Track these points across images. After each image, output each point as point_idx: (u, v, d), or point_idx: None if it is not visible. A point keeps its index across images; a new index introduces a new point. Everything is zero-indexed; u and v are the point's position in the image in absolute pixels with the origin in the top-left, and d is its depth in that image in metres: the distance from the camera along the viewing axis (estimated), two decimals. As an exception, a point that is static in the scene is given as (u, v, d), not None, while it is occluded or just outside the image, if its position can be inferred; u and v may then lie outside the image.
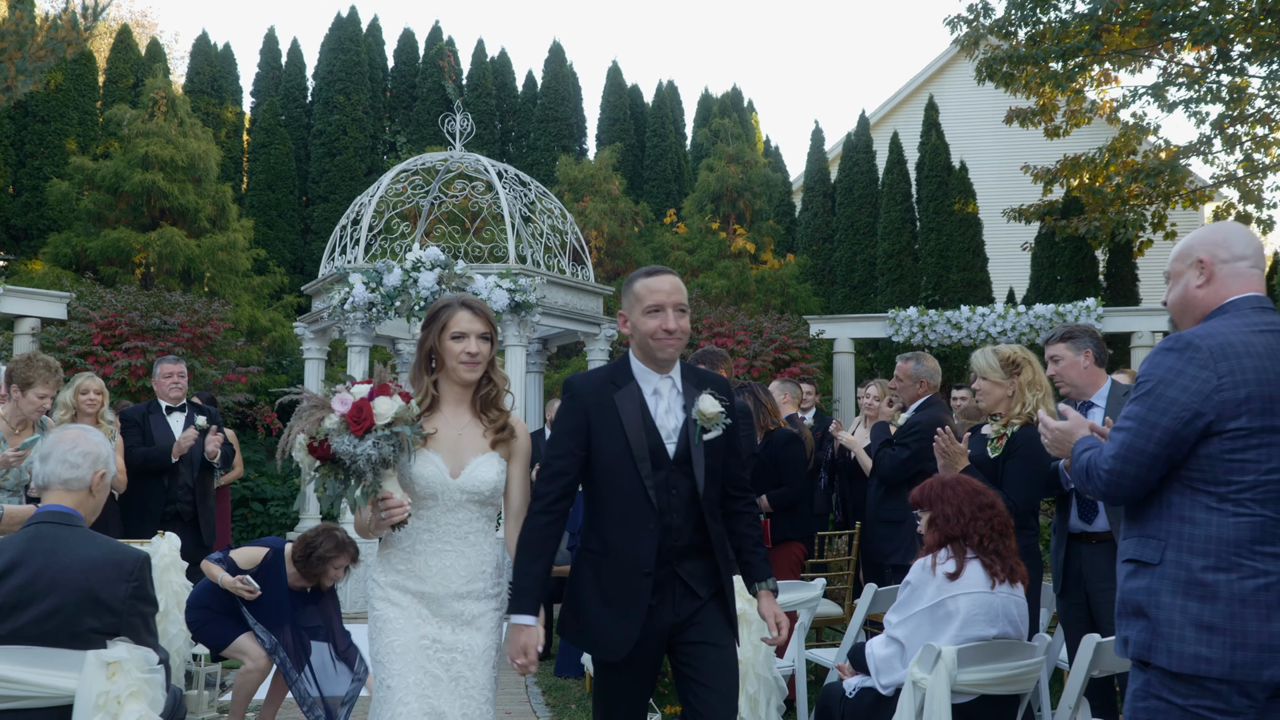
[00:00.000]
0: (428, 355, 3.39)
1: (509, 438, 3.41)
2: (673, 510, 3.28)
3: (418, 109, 21.31)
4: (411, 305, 9.13)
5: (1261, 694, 2.57)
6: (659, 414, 3.34)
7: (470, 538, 3.31)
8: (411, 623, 3.24)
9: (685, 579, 3.30)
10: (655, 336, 3.31)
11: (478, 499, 3.31)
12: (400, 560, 3.30)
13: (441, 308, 3.39)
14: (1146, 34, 14.80)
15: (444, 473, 3.26)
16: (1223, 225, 2.90)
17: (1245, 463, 2.60)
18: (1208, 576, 2.58)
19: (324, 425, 3.04)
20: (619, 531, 3.27)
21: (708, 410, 3.30)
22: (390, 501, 3.09)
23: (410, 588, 3.27)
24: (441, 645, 3.24)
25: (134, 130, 15.92)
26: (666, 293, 3.33)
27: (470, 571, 3.30)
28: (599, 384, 3.38)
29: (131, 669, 2.72)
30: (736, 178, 17.08)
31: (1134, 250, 17.00)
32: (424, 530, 3.28)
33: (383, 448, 3.02)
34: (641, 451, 3.27)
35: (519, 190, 10.85)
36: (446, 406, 3.37)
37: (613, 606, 3.27)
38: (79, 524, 3.04)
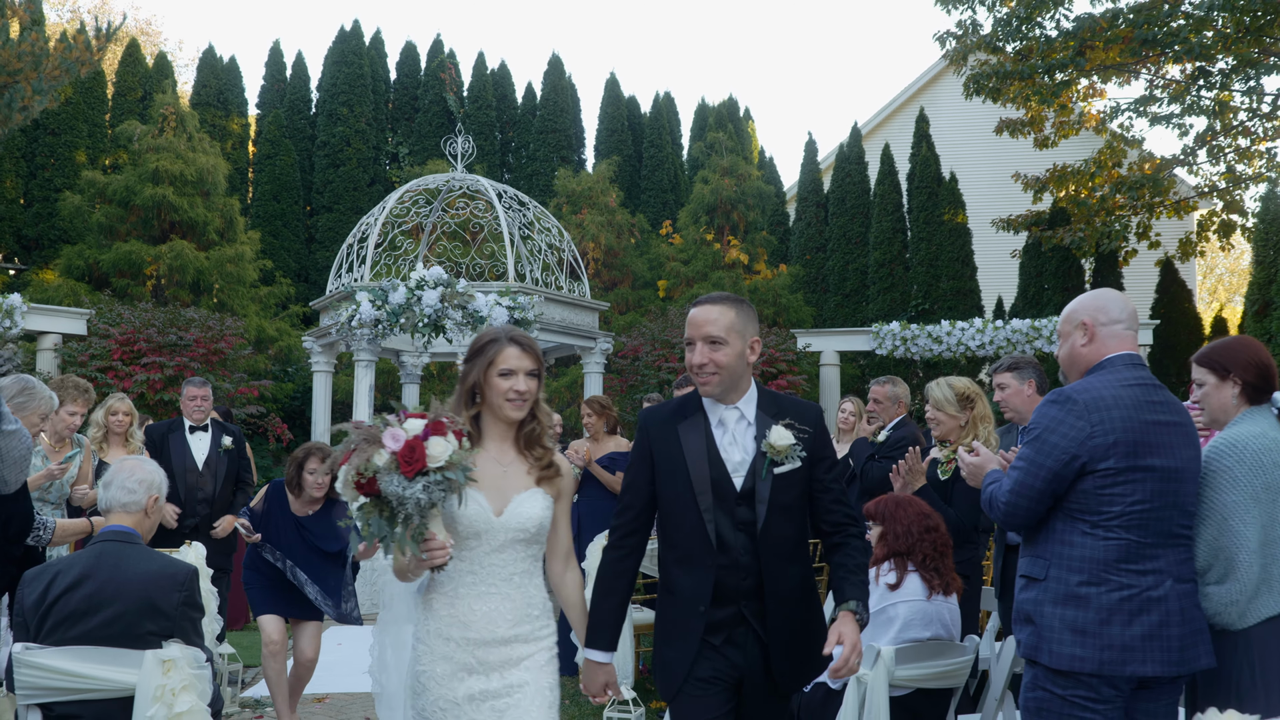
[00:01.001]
0: (471, 389, 3.23)
1: (554, 475, 3.26)
2: (738, 548, 3.10)
3: (420, 120, 21.76)
4: (415, 322, 9.59)
5: (1126, 685, 3.06)
6: (724, 445, 3.17)
7: (515, 579, 3.15)
8: (457, 677, 3.09)
9: (752, 621, 3.12)
10: (691, 370, 3.21)
11: (523, 538, 3.16)
12: (443, 605, 3.13)
13: (489, 342, 3.23)
14: (1129, 50, 15.21)
15: (488, 511, 3.10)
16: (1103, 292, 3.38)
17: (1114, 496, 3.09)
18: (1082, 590, 3.08)
19: (373, 461, 2.86)
20: (680, 567, 3.15)
21: (778, 442, 3.13)
22: (433, 543, 2.92)
23: (454, 635, 3.11)
24: (490, 694, 3.09)
25: (144, 145, 16.39)
26: (696, 325, 3.20)
27: (516, 615, 3.13)
28: (665, 416, 3.26)
29: (183, 666, 3.19)
30: (730, 190, 17.54)
31: (1119, 260, 17.44)
32: (467, 573, 3.11)
33: (433, 492, 2.86)
34: (702, 485, 3.12)
35: (518, 210, 11.31)
36: (490, 443, 3.22)
37: (670, 644, 3.14)
38: (137, 541, 3.53)
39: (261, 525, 5.92)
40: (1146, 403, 3.19)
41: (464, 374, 3.27)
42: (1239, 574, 3.20)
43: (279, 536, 5.86)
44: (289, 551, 5.82)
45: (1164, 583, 3.09)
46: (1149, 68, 16.23)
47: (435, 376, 15.49)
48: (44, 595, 3.38)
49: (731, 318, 3.19)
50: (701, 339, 3.17)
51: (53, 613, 3.35)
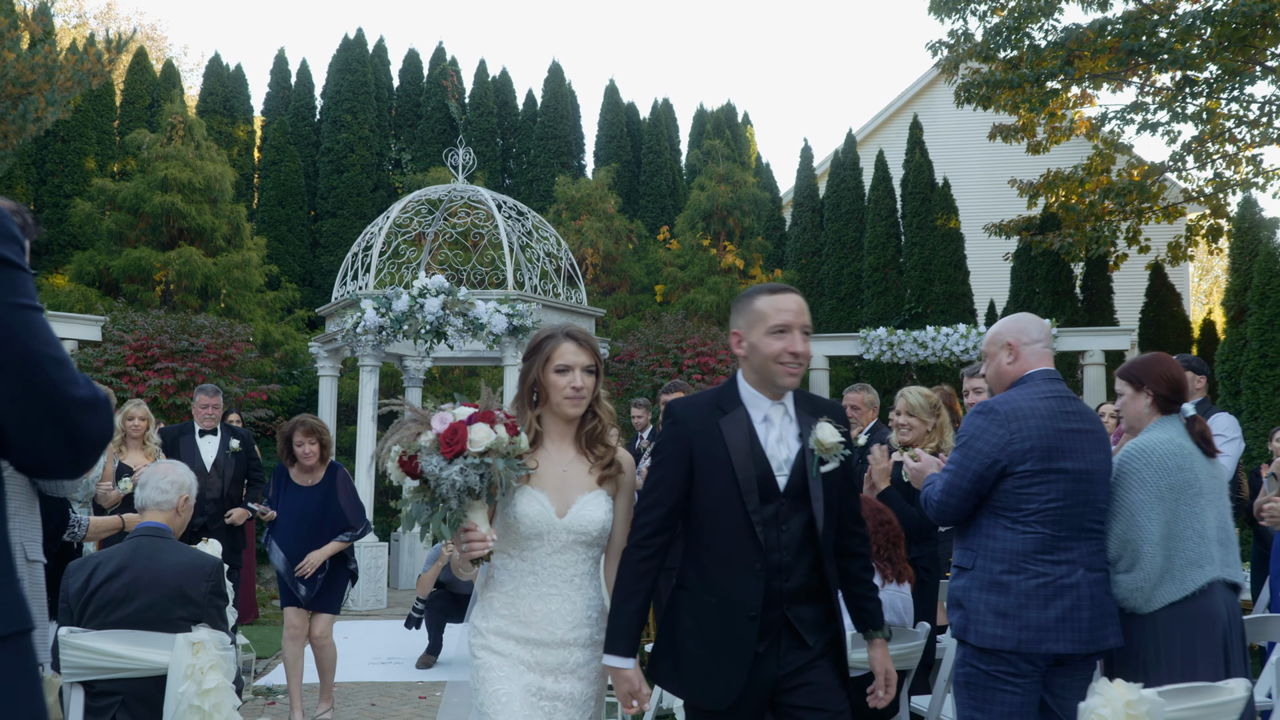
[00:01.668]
0: (531, 388, 3.21)
1: (615, 473, 3.22)
2: (782, 548, 3.03)
3: (422, 127, 22.13)
4: (418, 328, 9.96)
5: (1042, 662, 3.47)
6: (769, 443, 3.09)
7: (576, 581, 3.13)
8: (515, 670, 3.08)
9: (795, 625, 3.05)
10: (780, 360, 3.05)
11: (585, 540, 3.13)
12: (503, 605, 3.14)
13: (545, 338, 3.21)
14: (1116, 60, 15.54)
15: (550, 512, 3.09)
16: (1023, 316, 3.83)
17: (1031, 495, 3.49)
18: (1004, 578, 3.48)
19: (417, 441, 2.93)
20: (723, 570, 3.04)
21: (826, 440, 3.07)
22: (473, 534, 2.94)
23: (514, 634, 3.11)
24: (544, 694, 3.09)
25: (153, 153, 16.77)
26: (794, 313, 3.08)
27: (576, 617, 3.11)
28: (703, 409, 3.15)
29: (211, 647, 3.56)
30: (726, 197, 17.91)
31: (1109, 264, 17.77)
32: (528, 573, 3.11)
33: (469, 475, 2.87)
34: (749, 484, 3.02)
35: (517, 219, 11.68)
36: (550, 442, 3.20)
37: (714, 651, 3.03)
38: (169, 536, 3.92)
39: (275, 503, 6.48)
40: (1061, 413, 3.59)
41: (523, 373, 3.23)
42: (1144, 564, 3.59)
43: (290, 507, 6.40)
44: (299, 519, 6.36)
45: (1076, 572, 3.49)
46: (1140, 75, 16.51)
47: (437, 379, 15.85)
48: (86, 584, 3.77)
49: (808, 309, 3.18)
50: (799, 328, 3.07)
51: (94, 599, 3.74)
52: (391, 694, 7.26)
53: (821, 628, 3.08)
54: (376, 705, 6.97)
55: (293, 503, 6.41)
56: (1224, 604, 3.61)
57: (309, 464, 6.39)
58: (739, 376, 3.19)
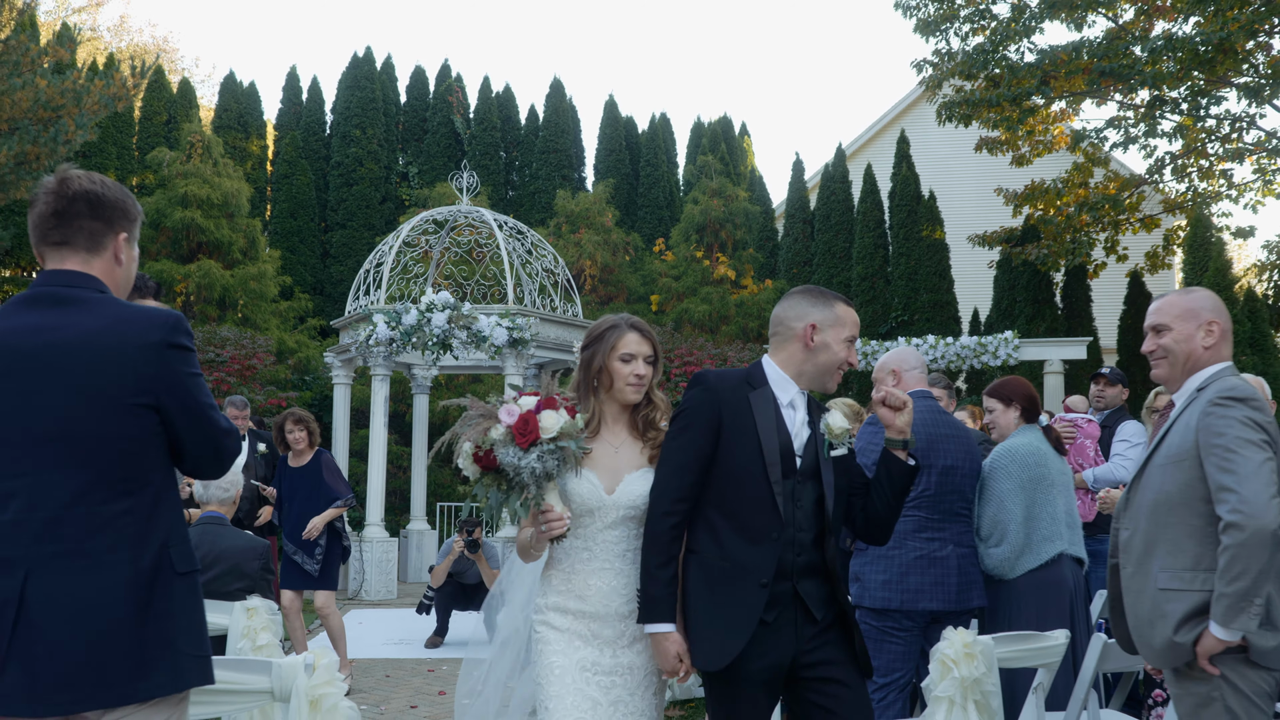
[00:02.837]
0: (594, 375, 3.32)
1: None
2: (794, 525, 3.15)
3: (428, 141, 22.97)
4: (425, 341, 10.81)
5: (920, 619, 4.43)
6: (794, 424, 3.24)
7: (629, 555, 3.24)
8: (572, 645, 3.21)
9: (804, 598, 3.15)
10: (840, 367, 3.27)
11: (634, 515, 3.24)
12: (560, 581, 3.27)
13: (609, 328, 3.34)
14: (1089, 81, 16.31)
15: (599, 489, 3.22)
16: (903, 350, 4.78)
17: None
18: (890, 553, 4.37)
19: (489, 435, 3.05)
20: (739, 538, 3.14)
21: (836, 426, 3.24)
22: (551, 514, 3.07)
23: (571, 608, 3.24)
24: (601, 668, 3.19)
25: (173, 171, 17.66)
26: (856, 325, 3.30)
27: (631, 590, 3.21)
28: (734, 381, 3.27)
29: (262, 613, 4.38)
30: (719, 211, 18.75)
31: (1088, 273, 18.54)
32: (582, 549, 3.24)
33: (547, 461, 3.02)
34: (773, 456, 3.14)
35: (518, 238, 12.54)
36: (605, 426, 3.33)
37: (722, 614, 3.12)
38: (227, 523, 4.82)
39: (278, 485, 7.89)
40: (933, 421, 4.54)
41: (586, 360, 3.35)
42: (1009, 540, 4.55)
43: (289, 486, 7.73)
44: (296, 495, 7.66)
45: (947, 547, 4.47)
46: (1121, 91, 17.18)
47: (443, 386, 16.70)
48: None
49: None
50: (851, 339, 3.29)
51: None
52: (403, 668, 8.13)
53: (827, 604, 3.18)
54: (391, 676, 7.83)
55: (290, 482, 7.72)
56: (1070, 574, 4.56)
57: (299, 448, 7.69)
58: (766, 360, 3.32)
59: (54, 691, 2.28)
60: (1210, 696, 3.06)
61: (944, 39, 17.93)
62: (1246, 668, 3.03)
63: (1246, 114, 16.70)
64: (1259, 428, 3.05)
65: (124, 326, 2.44)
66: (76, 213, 2.54)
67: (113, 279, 2.61)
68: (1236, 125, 16.98)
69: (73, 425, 2.37)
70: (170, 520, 2.47)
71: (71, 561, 2.33)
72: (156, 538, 2.41)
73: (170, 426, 2.46)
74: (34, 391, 2.37)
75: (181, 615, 2.44)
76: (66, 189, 2.56)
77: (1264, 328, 12.64)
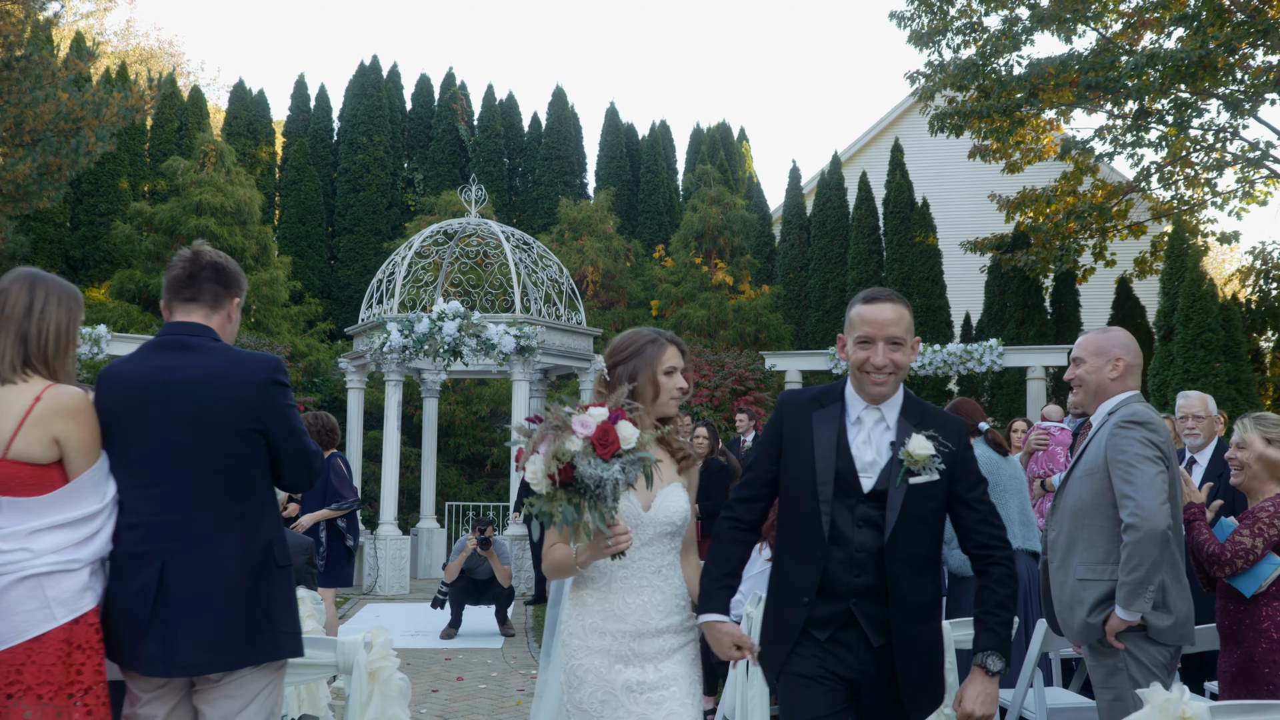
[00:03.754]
0: (636, 388, 3.24)
1: (690, 465, 3.33)
2: (853, 545, 3.06)
3: (434, 148, 23.49)
4: (437, 348, 11.35)
5: None
6: (855, 442, 3.14)
7: (664, 571, 3.21)
8: (613, 669, 3.14)
9: (861, 621, 3.07)
10: (863, 369, 3.12)
11: (670, 531, 3.21)
12: (596, 600, 3.20)
13: (648, 342, 3.28)
14: (1075, 93, 16.82)
15: (636, 506, 3.16)
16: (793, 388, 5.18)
17: None
18: None
19: (566, 447, 2.94)
20: (791, 555, 3.17)
21: (916, 452, 3.07)
22: (618, 528, 3.00)
23: (609, 628, 3.17)
24: (647, 685, 3.13)
25: (187, 179, 18.20)
26: (879, 325, 3.11)
27: (667, 606, 3.19)
28: (803, 401, 3.26)
29: (308, 602, 4.86)
30: (717, 218, 19.28)
31: (1077, 278, 19.04)
32: (619, 567, 3.17)
33: (630, 472, 2.95)
34: (825, 475, 3.09)
35: (524, 249, 13.10)
36: None
37: (771, 630, 3.19)
38: None
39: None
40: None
41: (625, 374, 3.27)
42: None
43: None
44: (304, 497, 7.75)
45: None
46: (1111, 101, 17.64)
47: (450, 389, 17.24)
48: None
49: (908, 318, 3.17)
50: (884, 339, 3.09)
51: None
52: (422, 657, 8.68)
53: (885, 630, 3.08)
54: (411, 664, 8.35)
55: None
56: (1025, 568, 5.04)
57: None
58: (848, 376, 3.26)
59: (185, 656, 2.88)
60: (1116, 666, 3.69)
61: (936, 51, 18.45)
62: (1146, 643, 3.66)
63: (1230, 124, 17.18)
64: (1155, 446, 3.66)
65: (237, 368, 3.07)
66: (205, 278, 3.18)
67: (224, 332, 3.22)
68: (1220, 136, 17.46)
69: (198, 445, 2.98)
70: (273, 522, 3.09)
71: (198, 554, 2.94)
72: (263, 536, 3.02)
73: (272, 447, 3.07)
74: (168, 418, 2.98)
75: (281, 599, 3.03)
76: (199, 259, 3.22)
77: (1237, 335, 13.15)
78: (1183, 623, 3.66)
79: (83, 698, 2.75)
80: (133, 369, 3.07)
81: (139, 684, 2.96)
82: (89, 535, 2.87)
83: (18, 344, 2.91)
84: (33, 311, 2.95)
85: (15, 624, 2.72)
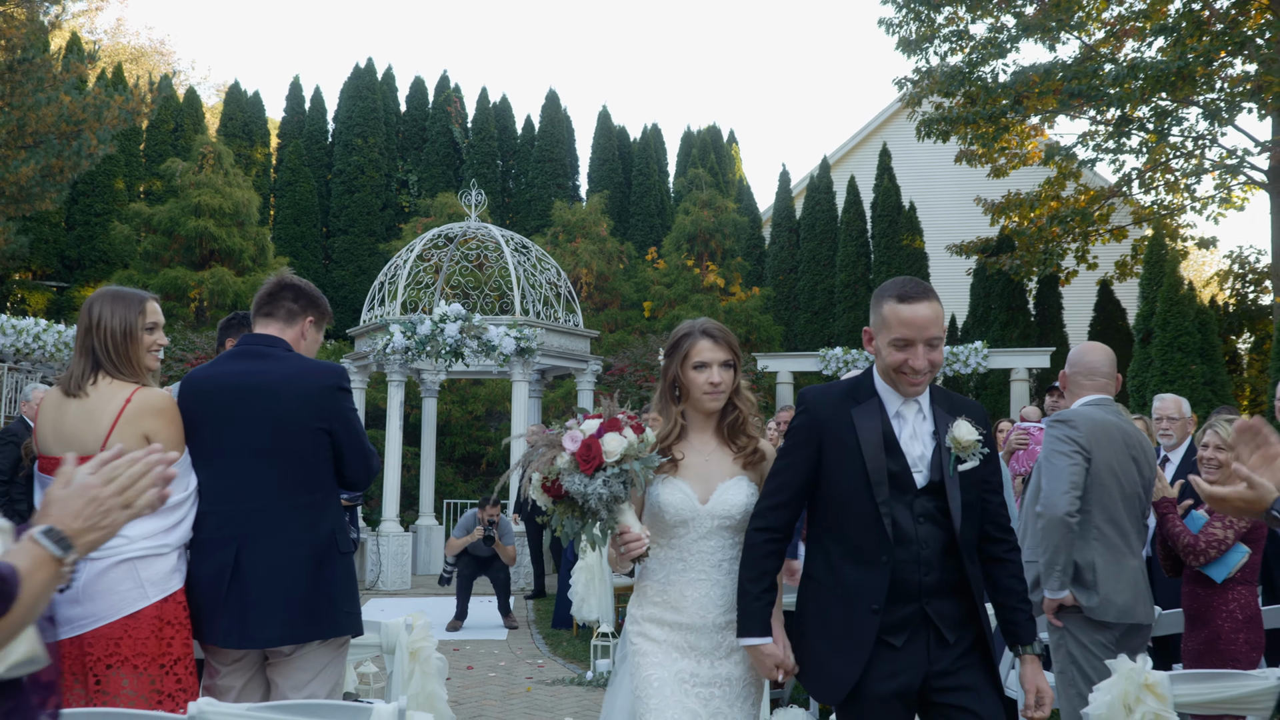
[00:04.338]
0: (672, 384, 3.26)
1: (758, 460, 3.24)
2: (918, 542, 2.95)
3: (428, 150, 23.76)
4: (439, 349, 11.65)
5: None
6: (903, 437, 3.03)
7: (724, 565, 3.15)
8: (669, 656, 3.14)
9: (935, 620, 2.95)
10: (901, 371, 2.99)
11: (729, 524, 3.16)
12: (655, 592, 3.20)
13: (682, 336, 3.25)
14: (1059, 101, 17.21)
15: (693, 499, 3.14)
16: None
17: None
18: None
19: (555, 464, 3.00)
20: (848, 561, 2.99)
21: (963, 438, 3.00)
22: (628, 535, 3.01)
23: (668, 620, 3.16)
24: (699, 680, 3.12)
25: (186, 181, 18.43)
26: (919, 327, 2.95)
27: (727, 601, 3.13)
28: (836, 398, 3.10)
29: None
30: (709, 221, 19.63)
31: (1060, 281, 19.43)
32: (676, 560, 3.17)
33: (613, 485, 2.95)
34: (879, 475, 2.96)
35: (523, 253, 13.42)
36: (693, 433, 3.24)
37: (834, 643, 2.98)
38: None
39: None
40: None
41: (664, 369, 3.29)
42: None
43: None
44: None
45: None
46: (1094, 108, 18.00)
47: (446, 389, 17.52)
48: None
49: (942, 314, 3.05)
50: (924, 341, 2.96)
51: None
52: (429, 650, 8.97)
53: (963, 625, 2.99)
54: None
55: None
56: None
57: None
58: (874, 369, 3.14)
59: (257, 629, 3.23)
60: (1059, 643, 4.14)
61: (924, 57, 18.84)
62: (1085, 624, 4.07)
63: (1209, 132, 17.58)
64: (1071, 441, 4.08)
65: (307, 374, 3.43)
66: (284, 297, 3.55)
67: (298, 345, 3.57)
68: (1199, 143, 17.86)
69: (273, 441, 3.33)
70: (335, 513, 3.43)
71: (271, 539, 3.28)
72: (327, 525, 3.37)
73: (336, 446, 3.42)
74: (246, 418, 3.33)
75: (342, 581, 3.37)
76: (282, 281, 3.60)
77: (1213, 339, 13.55)
78: (1113, 602, 4.02)
79: (173, 668, 3.07)
80: (214, 373, 3.43)
81: (217, 657, 3.30)
82: (175, 522, 3.20)
83: (87, 359, 3.26)
84: (91, 327, 3.28)
85: (113, 602, 3.03)
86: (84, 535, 1.66)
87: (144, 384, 3.26)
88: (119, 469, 1.74)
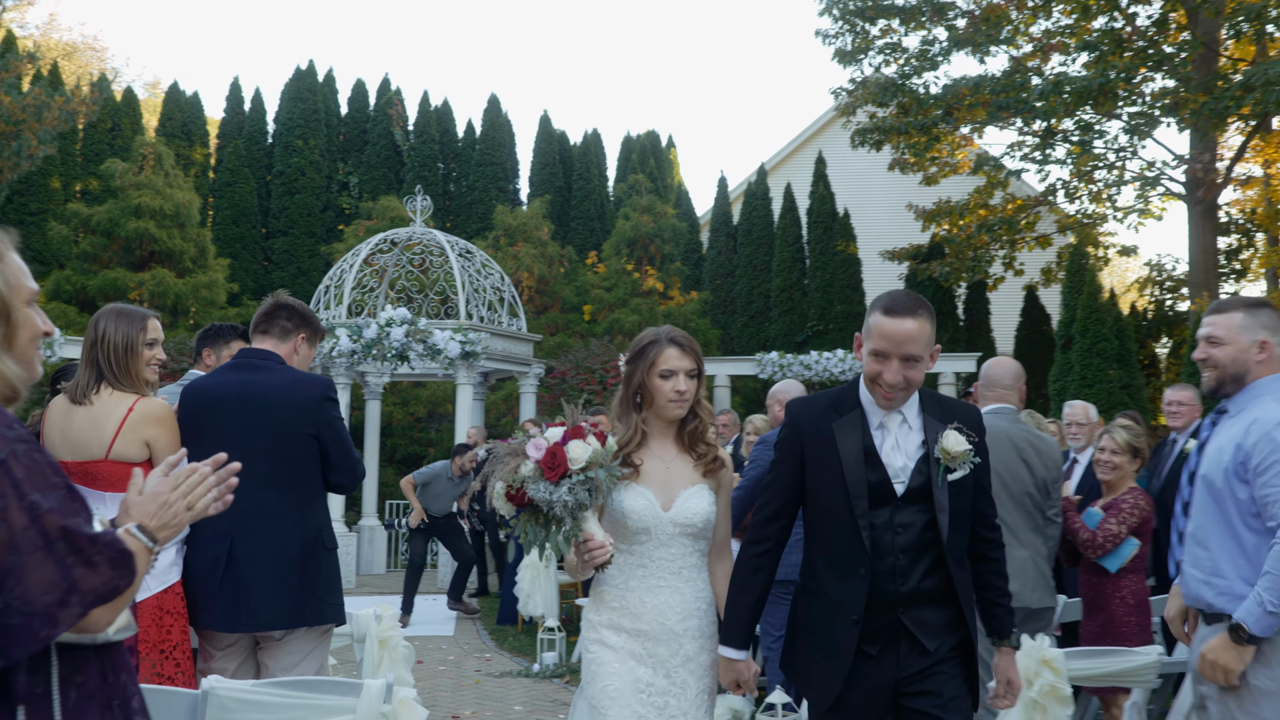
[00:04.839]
0: (635, 391, 3.26)
1: (718, 469, 3.29)
2: (896, 552, 2.96)
3: (369, 152, 23.83)
4: (385, 353, 11.89)
5: None
6: (884, 449, 3.02)
7: (684, 573, 3.20)
8: (625, 665, 3.15)
9: (912, 628, 2.97)
10: (875, 382, 3.00)
11: (690, 532, 3.20)
12: (614, 598, 3.21)
13: (649, 343, 3.26)
14: (988, 113, 17.85)
15: (655, 506, 3.17)
16: (787, 382, 5.89)
17: None
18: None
19: (519, 473, 3.01)
20: (831, 573, 3.03)
21: (953, 449, 2.98)
22: (592, 543, 3.02)
23: (625, 626, 3.18)
24: (655, 689, 3.14)
25: (125, 181, 18.38)
26: (897, 341, 2.93)
27: (685, 608, 3.18)
28: (818, 411, 3.11)
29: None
30: (648, 227, 20.01)
31: (988, 287, 20.09)
32: (637, 566, 3.19)
33: (578, 493, 2.96)
34: (858, 488, 2.97)
35: (467, 258, 13.68)
36: (654, 441, 3.26)
37: (820, 651, 3.03)
38: None
39: None
40: None
41: (627, 376, 3.29)
42: None
43: None
44: None
45: None
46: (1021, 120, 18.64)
47: (388, 391, 17.70)
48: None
49: (929, 332, 3.00)
50: (900, 356, 2.94)
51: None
52: (379, 646, 9.22)
53: (944, 632, 3.01)
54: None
55: None
56: None
57: None
58: (860, 379, 3.12)
59: (250, 615, 3.55)
60: None
61: (859, 68, 19.42)
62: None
63: (1130, 145, 18.32)
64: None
65: (297, 385, 3.77)
66: (279, 315, 3.89)
67: (291, 359, 3.90)
68: (1121, 155, 18.61)
69: (266, 445, 3.63)
70: (322, 512, 3.74)
71: (261, 533, 3.59)
72: (314, 522, 3.70)
73: (323, 451, 3.74)
74: (242, 424, 3.63)
75: (326, 574, 3.70)
76: (279, 300, 3.94)
77: (1130, 345, 14.21)
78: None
79: (172, 653, 3.37)
80: (213, 383, 3.76)
81: (212, 641, 3.62)
82: None
83: (92, 370, 3.57)
84: (96, 340, 3.59)
85: None
86: (160, 531, 2.01)
87: (143, 394, 3.54)
88: (180, 477, 2.04)
